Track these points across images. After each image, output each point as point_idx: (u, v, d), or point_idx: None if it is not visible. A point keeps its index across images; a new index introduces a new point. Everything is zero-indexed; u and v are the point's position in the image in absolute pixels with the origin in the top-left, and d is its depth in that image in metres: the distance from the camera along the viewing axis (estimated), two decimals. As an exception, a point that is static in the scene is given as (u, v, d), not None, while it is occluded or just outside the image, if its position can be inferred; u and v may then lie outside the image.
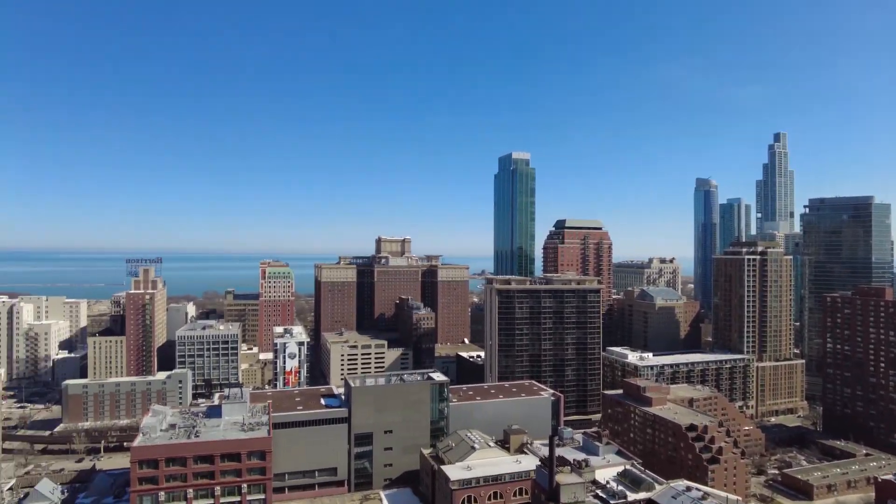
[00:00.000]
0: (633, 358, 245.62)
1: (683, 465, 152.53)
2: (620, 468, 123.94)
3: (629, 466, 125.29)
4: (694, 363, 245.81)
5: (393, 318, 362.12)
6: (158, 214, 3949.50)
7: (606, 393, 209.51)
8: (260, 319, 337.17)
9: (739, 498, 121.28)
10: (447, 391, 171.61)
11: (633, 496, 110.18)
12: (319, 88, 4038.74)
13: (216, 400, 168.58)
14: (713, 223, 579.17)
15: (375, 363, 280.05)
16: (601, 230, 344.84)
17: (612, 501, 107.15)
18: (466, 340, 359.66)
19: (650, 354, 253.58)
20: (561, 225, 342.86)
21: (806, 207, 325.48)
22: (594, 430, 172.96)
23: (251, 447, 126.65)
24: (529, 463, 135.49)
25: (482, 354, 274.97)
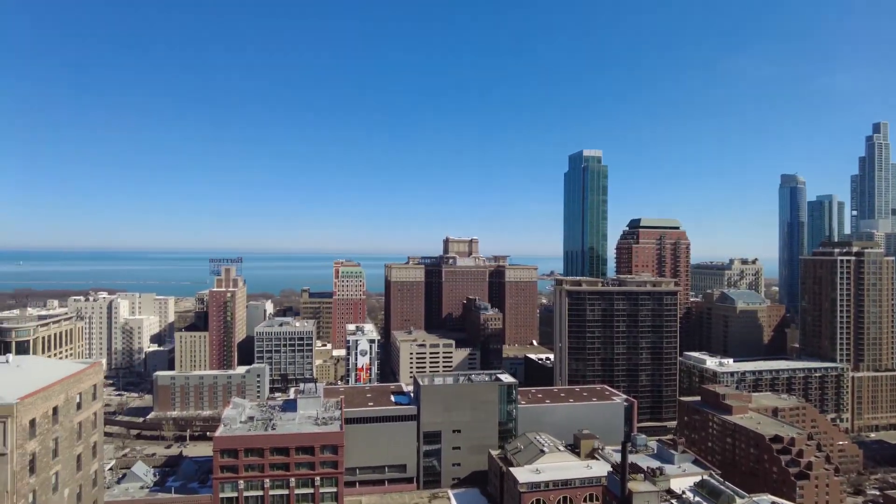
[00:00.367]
0: (711, 364, 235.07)
1: (767, 478, 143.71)
2: (697, 478, 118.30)
3: (707, 477, 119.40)
4: (779, 371, 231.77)
5: (460, 318, 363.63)
6: (240, 217, 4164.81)
7: (683, 399, 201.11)
8: (333, 317, 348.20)
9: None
10: (516, 393, 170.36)
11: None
12: (394, 93, 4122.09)
13: (292, 394, 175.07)
14: (800, 222, 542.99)
15: (444, 362, 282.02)
16: (678, 229, 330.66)
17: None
18: (535, 342, 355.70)
19: (730, 360, 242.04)
20: (635, 224, 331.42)
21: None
22: (669, 437, 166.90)
23: (324, 441, 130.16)
24: (601, 469, 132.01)
25: (551, 357, 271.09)
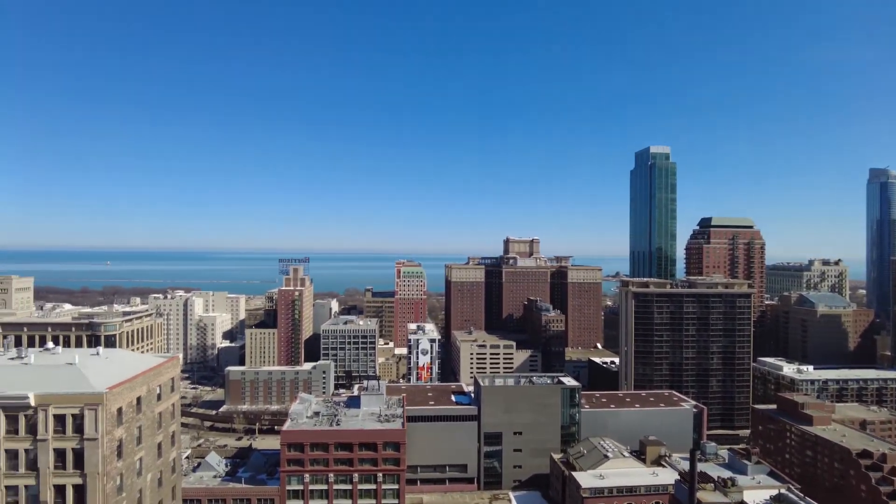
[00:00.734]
0: (789, 370, 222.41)
1: (854, 496, 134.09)
2: (774, 492, 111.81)
3: (785, 491, 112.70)
4: (867, 380, 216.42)
5: (521, 319, 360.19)
6: (308, 218, 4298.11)
7: (757, 407, 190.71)
8: (395, 316, 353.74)
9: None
10: (579, 396, 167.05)
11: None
12: (452, 95, 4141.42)
13: (355, 391, 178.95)
14: (892, 220, 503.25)
15: (504, 364, 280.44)
16: (752, 228, 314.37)
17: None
18: (599, 345, 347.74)
19: (810, 367, 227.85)
20: (706, 223, 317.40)
21: None
22: (742, 447, 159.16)
23: (387, 438, 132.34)
24: (667, 476, 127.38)
25: (616, 360, 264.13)
